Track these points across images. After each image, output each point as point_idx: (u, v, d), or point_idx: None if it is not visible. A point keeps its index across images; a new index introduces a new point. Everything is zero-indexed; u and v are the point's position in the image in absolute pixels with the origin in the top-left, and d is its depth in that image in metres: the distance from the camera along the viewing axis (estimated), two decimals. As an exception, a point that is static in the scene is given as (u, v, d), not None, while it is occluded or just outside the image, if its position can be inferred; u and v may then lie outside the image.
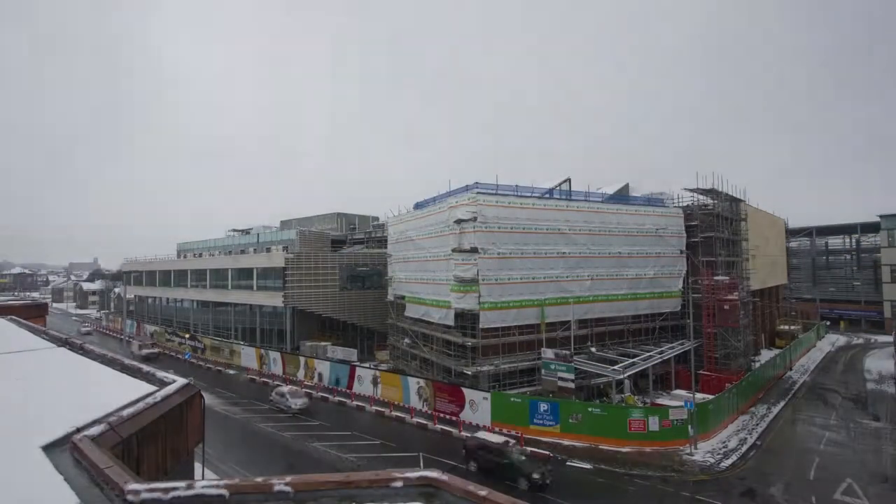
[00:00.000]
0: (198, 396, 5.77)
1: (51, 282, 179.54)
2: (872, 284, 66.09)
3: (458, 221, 30.92)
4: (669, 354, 32.96)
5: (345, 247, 57.38)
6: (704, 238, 37.50)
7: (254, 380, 40.32)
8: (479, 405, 27.42)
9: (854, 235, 70.84)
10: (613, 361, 30.18)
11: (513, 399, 27.31)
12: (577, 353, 30.79)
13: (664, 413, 24.58)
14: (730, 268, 38.28)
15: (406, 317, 38.91)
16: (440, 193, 35.67)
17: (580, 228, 33.80)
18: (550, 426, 25.58)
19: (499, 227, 30.63)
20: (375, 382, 33.64)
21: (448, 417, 27.99)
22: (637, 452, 23.47)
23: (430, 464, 20.84)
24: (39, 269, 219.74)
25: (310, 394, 33.46)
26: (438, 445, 24.90)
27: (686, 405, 24.24)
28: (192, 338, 53.57)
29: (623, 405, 28.01)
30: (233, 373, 43.43)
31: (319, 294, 45.89)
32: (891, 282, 61.13)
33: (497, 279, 30.40)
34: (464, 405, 27.99)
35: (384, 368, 37.51)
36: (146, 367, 6.58)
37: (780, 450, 24.08)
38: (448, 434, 26.57)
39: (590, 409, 25.56)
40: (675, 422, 24.13)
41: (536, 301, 31.44)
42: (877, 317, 63.82)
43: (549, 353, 29.47)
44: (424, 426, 27.82)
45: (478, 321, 30.00)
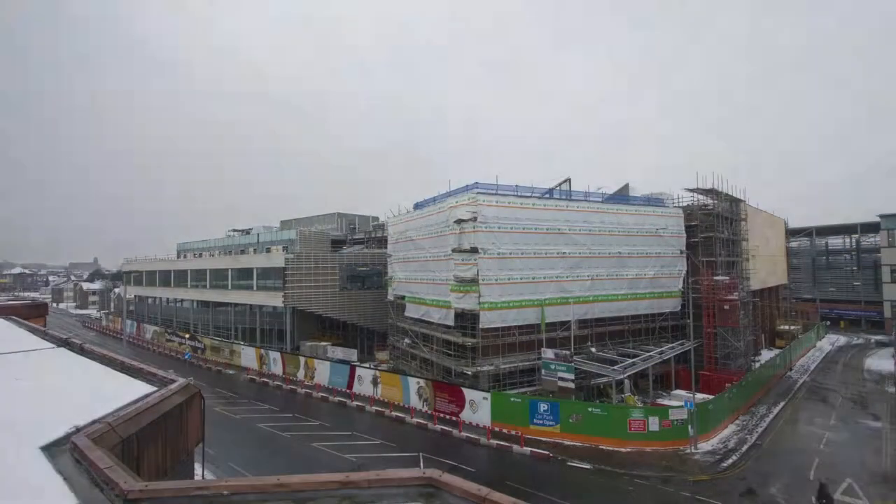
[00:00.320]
0: (198, 396, 5.77)
1: (51, 282, 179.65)
2: (872, 284, 66.09)
3: (458, 221, 30.92)
4: (669, 354, 32.96)
5: (345, 247, 57.40)
6: (704, 238, 37.50)
7: (254, 380, 40.31)
8: (479, 405, 27.42)
9: (854, 235, 70.86)
10: (613, 361, 30.18)
11: (513, 399, 27.31)
12: (577, 353, 30.79)
13: (664, 413, 24.59)
14: (730, 268, 38.28)
15: (406, 317, 38.91)
16: (440, 193, 35.69)
17: (580, 228, 33.79)
18: (550, 426, 25.57)
19: (499, 227, 30.63)
20: (375, 382, 33.64)
21: (448, 417, 27.99)
22: (637, 452, 23.47)
23: (430, 464, 20.85)
24: (39, 269, 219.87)
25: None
26: (438, 445, 24.91)
27: (686, 405, 24.25)
28: (192, 338, 53.57)
29: (623, 405, 28.02)
30: (232, 373, 43.43)
31: (319, 294, 45.89)
32: (891, 282, 61.13)
33: (497, 279, 30.39)
34: (464, 405, 27.98)
35: (384, 368, 37.51)
36: (146, 367, 6.58)
37: (781, 450, 24.08)
38: (448, 434, 26.57)
39: (590, 409, 25.56)
40: (676, 422, 24.13)
41: (536, 301, 31.43)
42: (877, 317, 63.82)
43: (549, 353, 29.47)
44: (424, 426, 27.82)
45: (478, 321, 30.00)
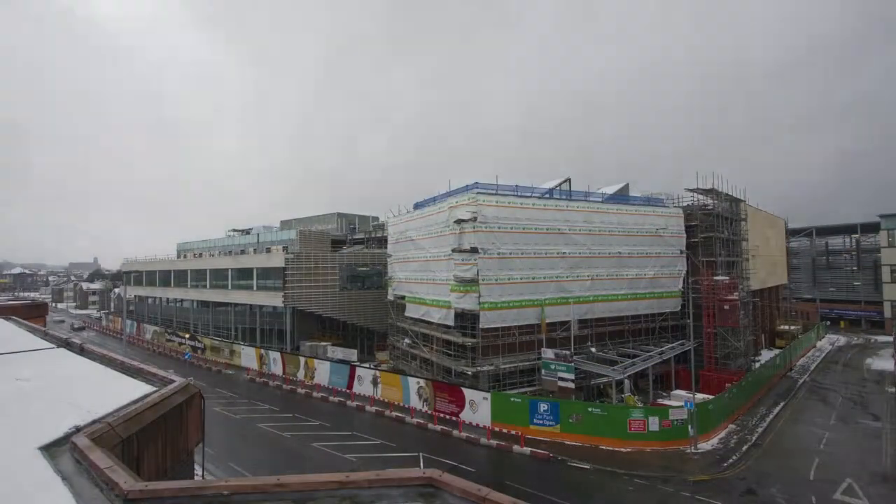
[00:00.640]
0: (198, 396, 5.76)
1: (51, 282, 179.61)
2: (872, 284, 66.11)
3: (458, 221, 30.92)
4: (669, 354, 32.97)
5: (345, 247, 57.39)
6: (704, 238, 37.51)
7: (254, 380, 40.31)
8: (479, 405, 27.42)
9: (854, 235, 70.87)
10: (613, 361, 30.19)
11: (513, 399, 27.31)
12: (577, 353, 30.79)
13: (664, 413, 24.58)
14: (730, 268, 38.28)
15: (406, 317, 38.91)
16: (440, 193, 35.68)
17: (580, 228, 33.80)
18: (550, 426, 25.57)
19: (499, 227, 30.63)
20: (375, 382, 33.64)
21: (448, 417, 27.99)
22: (637, 452, 23.47)
23: (430, 464, 20.86)
24: (39, 269, 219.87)
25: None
26: (438, 445, 24.90)
27: (686, 405, 24.24)
28: (192, 338, 53.57)
29: (623, 405, 28.01)
30: (232, 373, 43.42)
31: (319, 294, 45.89)
32: (891, 282, 61.17)
33: (497, 279, 30.39)
34: (464, 405, 27.98)
35: (384, 368, 37.51)
36: (146, 367, 6.58)
37: (781, 450, 24.07)
38: (448, 434, 26.56)
39: (590, 409, 25.55)
40: (675, 422, 24.13)
41: (536, 301, 31.43)
42: (877, 317, 63.84)
43: (549, 353, 29.47)
44: (424, 426, 27.81)
45: (478, 321, 30.00)
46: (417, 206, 39.63)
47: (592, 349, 32.69)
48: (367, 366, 37.91)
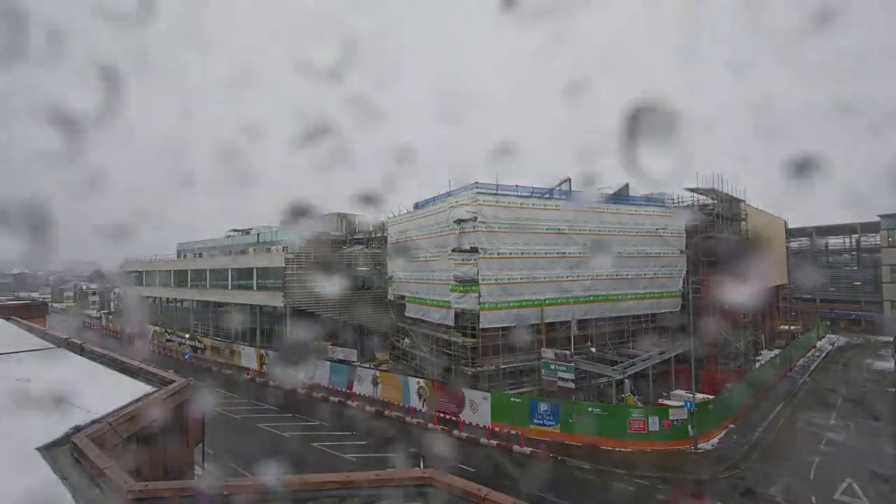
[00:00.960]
0: (198, 396, 5.77)
1: (51, 282, 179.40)
2: (872, 284, 66.04)
3: (458, 221, 30.91)
4: (669, 354, 32.92)
5: (345, 247, 57.33)
6: (704, 238, 37.45)
7: (253, 380, 40.31)
8: (479, 405, 27.42)
9: (854, 235, 70.82)
10: (613, 361, 30.17)
11: (513, 399, 27.31)
12: (577, 354, 30.76)
13: (664, 413, 24.58)
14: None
15: (406, 317, 38.89)
16: (440, 193, 35.66)
17: (580, 228, 33.77)
18: (550, 426, 25.57)
19: (499, 227, 30.61)
20: (375, 382, 33.64)
21: (448, 417, 27.98)
22: (637, 452, 23.46)
23: (430, 463, 20.86)
24: (39, 270, 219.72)
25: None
26: (438, 445, 24.89)
27: (686, 405, 24.25)
28: (192, 338, 53.54)
29: (623, 405, 28.01)
30: (232, 373, 43.42)
31: (319, 294, 45.78)
32: (891, 282, 61.11)
33: (497, 279, 30.38)
34: (464, 405, 27.98)
35: (384, 368, 37.51)
36: (146, 367, 6.59)
37: (781, 450, 24.07)
38: (448, 434, 26.57)
39: (590, 409, 25.55)
40: (675, 422, 24.13)
41: (536, 301, 31.42)
42: (877, 317, 63.74)
43: (549, 353, 29.45)
44: (424, 426, 27.82)
45: (478, 321, 29.99)
46: (417, 206, 39.62)
47: (592, 349, 32.66)
48: (367, 366, 37.93)
